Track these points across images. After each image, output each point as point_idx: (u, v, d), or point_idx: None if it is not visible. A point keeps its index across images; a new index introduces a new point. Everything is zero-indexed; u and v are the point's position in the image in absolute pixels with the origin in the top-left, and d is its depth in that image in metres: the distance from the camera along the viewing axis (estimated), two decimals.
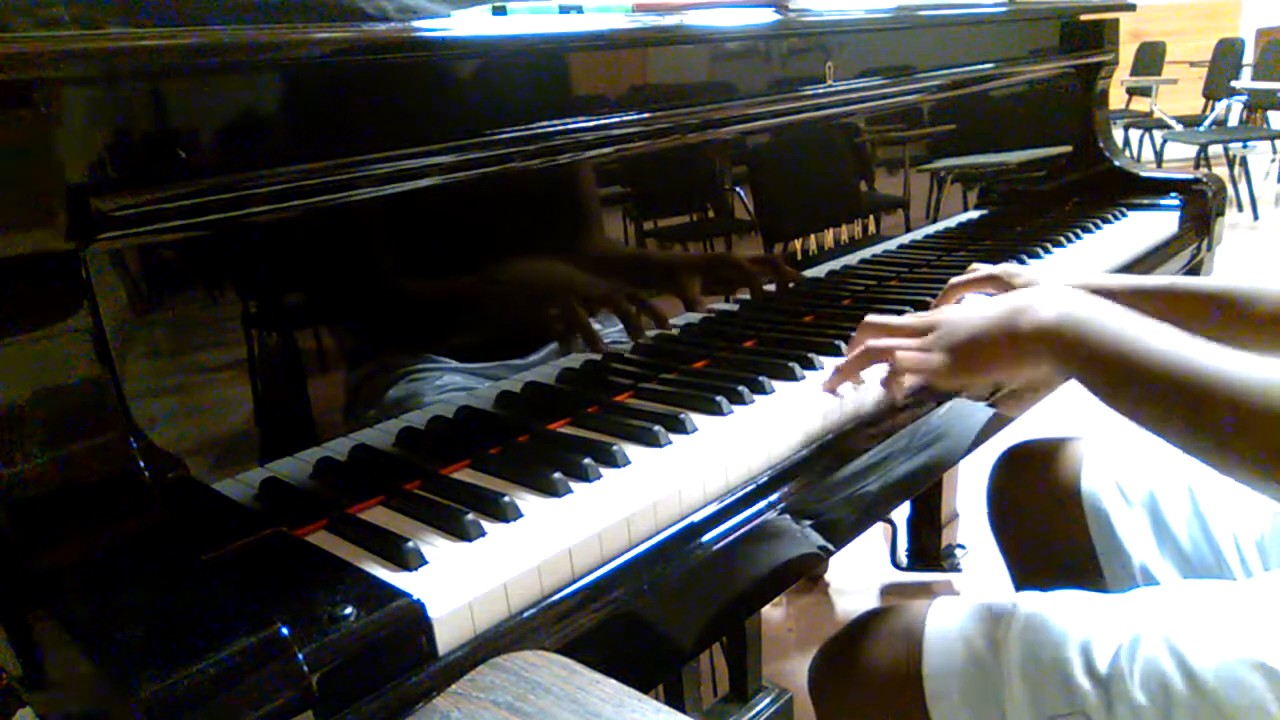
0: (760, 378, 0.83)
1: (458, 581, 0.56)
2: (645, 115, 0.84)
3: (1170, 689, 0.66)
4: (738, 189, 0.97)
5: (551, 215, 0.82)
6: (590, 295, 0.84)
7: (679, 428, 0.75)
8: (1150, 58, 6.07)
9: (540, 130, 0.75)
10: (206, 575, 0.51)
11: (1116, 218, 1.46)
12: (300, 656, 0.47)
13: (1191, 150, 5.14)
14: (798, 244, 1.04)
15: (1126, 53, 4.87)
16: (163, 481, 0.57)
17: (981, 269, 0.97)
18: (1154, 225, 1.41)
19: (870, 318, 0.82)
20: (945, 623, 0.77)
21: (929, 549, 1.77)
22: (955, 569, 1.75)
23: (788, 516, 0.71)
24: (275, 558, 0.59)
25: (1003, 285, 0.94)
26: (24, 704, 0.55)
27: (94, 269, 0.54)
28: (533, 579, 0.58)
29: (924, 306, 1.04)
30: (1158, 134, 5.63)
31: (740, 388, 0.80)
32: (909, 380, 0.81)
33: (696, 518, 0.67)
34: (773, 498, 0.70)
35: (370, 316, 0.69)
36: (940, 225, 1.29)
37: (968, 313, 0.75)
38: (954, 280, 0.99)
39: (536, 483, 0.67)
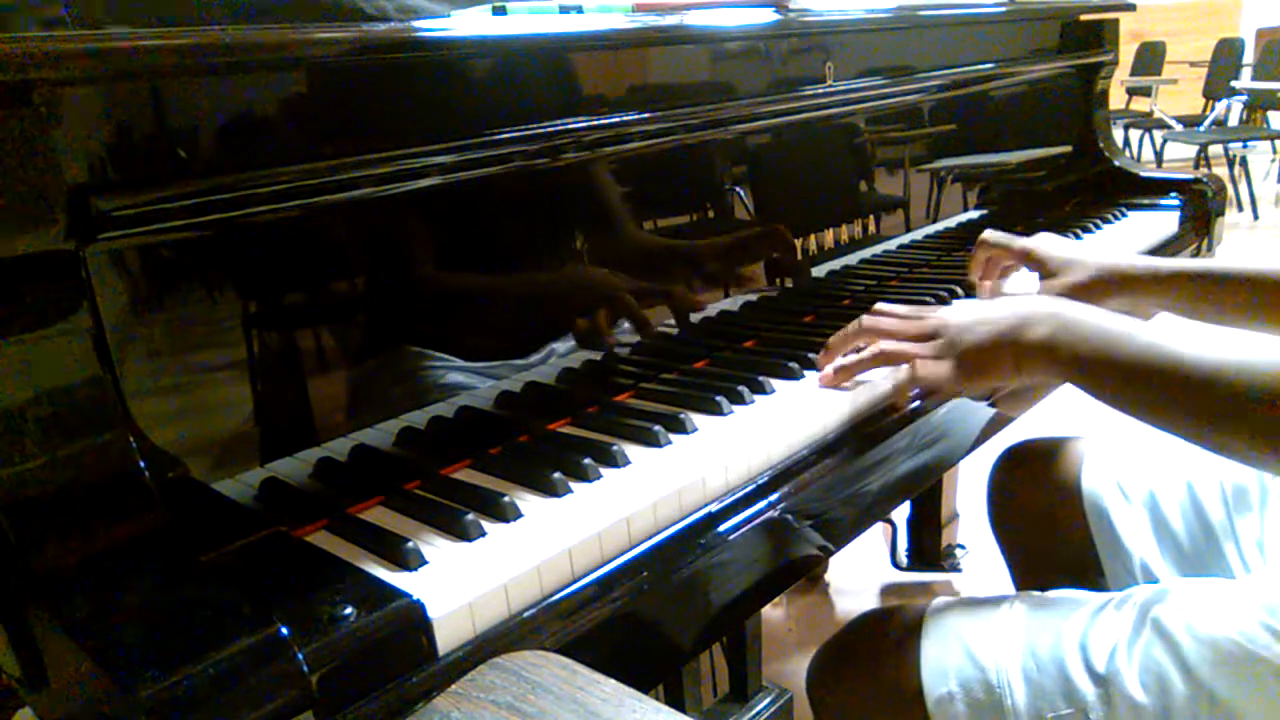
0: (760, 378, 0.83)
1: (458, 581, 0.56)
2: (645, 115, 0.84)
3: (1170, 687, 0.66)
4: (738, 189, 0.97)
5: (550, 215, 0.82)
6: (591, 294, 0.84)
7: (679, 428, 0.75)
8: (1150, 58, 6.07)
9: (540, 130, 0.75)
10: (206, 575, 0.51)
11: (1116, 218, 1.46)
12: (300, 656, 0.47)
13: (1191, 150, 5.14)
14: (798, 244, 1.04)
15: (1126, 53, 4.87)
16: (163, 481, 0.57)
17: (1019, 240, 0.99)
18: (1154, 225, 1.41)
19: (881, 306, 0.83)
20: (944, 623, 0.77)
21: (929, 549, 1.77)
22: (955, 569, 1.76)
23: (788, 516, 0.71)
24: (275, 558, 0.59)
25: (1035, 260, 0.96)
26: (24, 704, 0.55)
27: (94, 269, 0.54)
28: (532, 579, 0.58)
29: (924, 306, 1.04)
30: (1158, 134, 5.63)
31: (740, 388, 0.80)
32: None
33: (696, 518, 0.67)
34: (772, 498, 0.70)
35: (370, 316, 0.69)
36: (940, 225, 1.29)
37: (970, 321, 0.76)
38: (992, 238, 1.01)
39: (536, 483, 0.67)
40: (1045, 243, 0.98)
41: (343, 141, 0.64)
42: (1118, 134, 5.53)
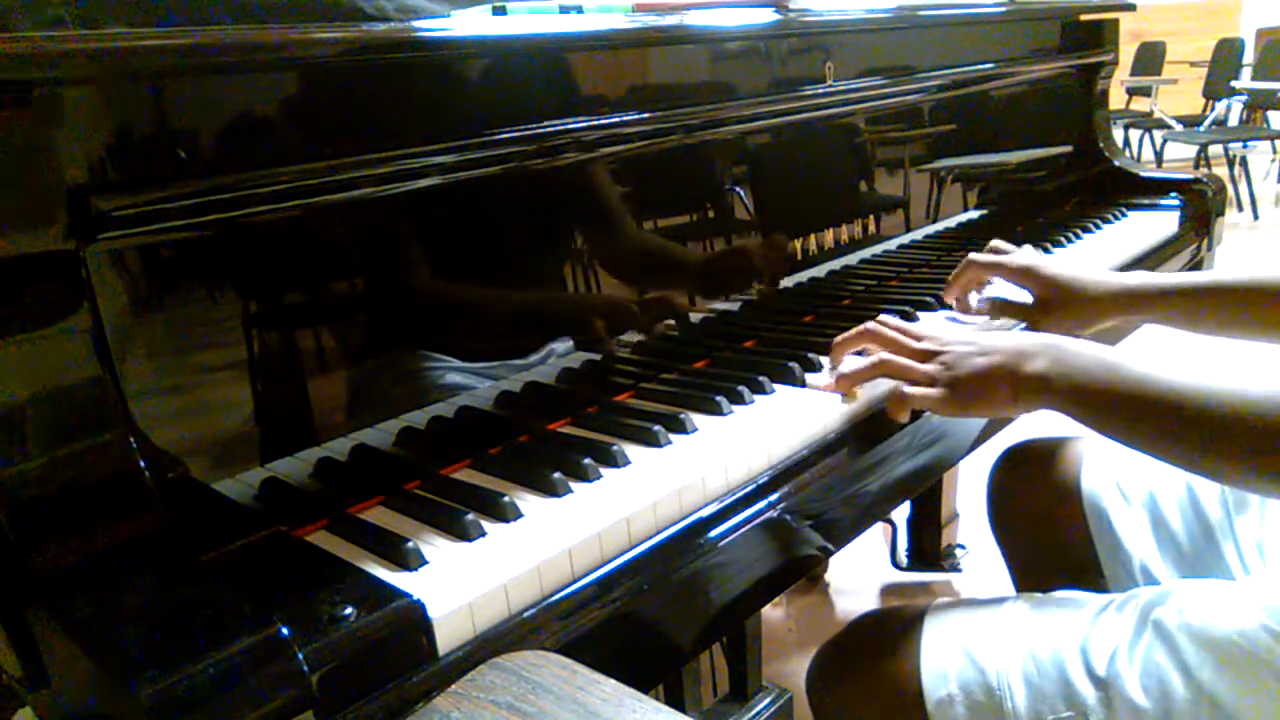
0: (760, 378, 0.83)
1: (458, 581, 0.56)
2: (645, 115, 0.84)
3: (1170, 690, 0.66)
4: (738, 189, 0.97)
5: (550, 215, 0.82)
6: (590, 295, 0.84)
7: (679, 428, 0.75)
8: (1150, 58, 6.07)
9: (540, 130, 0.75)
10: (207, 575, 0.51)
11: (1116, 218, 1.46)
12: (300, 656, 0.47)
13: (1191, 150, 5.14)
14: (797, 244, 1.04)
15: (1126, 53, 4.87)
16: (163, 481, 0.57)
17: (1015, 256, 0.97)
18: (1154, 225, 1.41)
19: (885, 319, 0.84)
20: (944, 624, 0.77)
21: (929, 549, 1.77)
22: (955, 569, 1.76)
23: (788, 516, 0.71)
24: (275, 558, 0.59)
25: (1034, 279, 0.95)
26: (24, 704, 0.55)
27: (94, 269, 0.54)
28: (532, 579, 0.58)
29: (924, 306, 1.04)
30: (1158, 134, 5.63)
31: (740, 388, 0.80)
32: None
33: (696, 518, 0.67)
34: (773, 498, 0.70)
35: (370, 316, 0.69)
36: (940, 225, 1.29)
37: (970, 349, 0.77)
38: (982, 259, 0.99)
39: (536, 483, 0.67)
40: (1043, 260, 0.97)
41: (343, 141, 0.64)
42: (1118, 134, 5.53)
